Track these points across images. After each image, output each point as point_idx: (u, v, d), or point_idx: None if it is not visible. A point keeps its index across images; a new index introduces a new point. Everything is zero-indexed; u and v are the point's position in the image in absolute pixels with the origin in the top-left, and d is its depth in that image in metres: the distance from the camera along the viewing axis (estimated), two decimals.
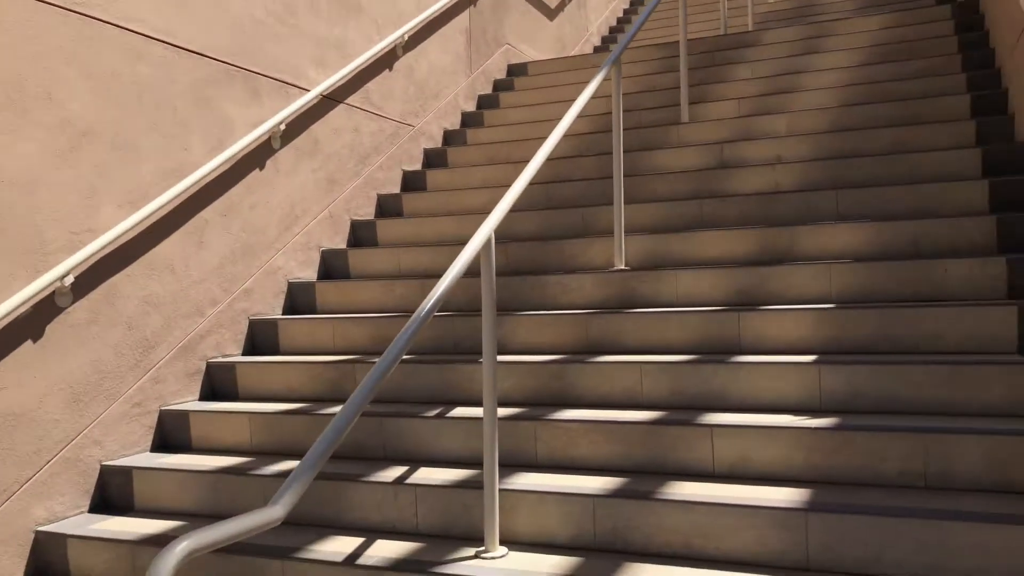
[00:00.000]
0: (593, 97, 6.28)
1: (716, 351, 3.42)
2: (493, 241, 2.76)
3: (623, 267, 4.02)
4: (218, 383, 4.04)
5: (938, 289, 3.36)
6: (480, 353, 3.83)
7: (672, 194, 4.67)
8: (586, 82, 6.57)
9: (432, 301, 2.47)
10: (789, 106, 5.25)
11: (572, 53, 8.71)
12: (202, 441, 3.71)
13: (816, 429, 2.71)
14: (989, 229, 3.55)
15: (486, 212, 4.90)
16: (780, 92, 5.36)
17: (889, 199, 3.98)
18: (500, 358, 3.62)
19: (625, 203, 4.50)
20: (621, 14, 10.37)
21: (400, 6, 5.68)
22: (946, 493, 2.52)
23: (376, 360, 3.77)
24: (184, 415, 3.74)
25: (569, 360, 3.41)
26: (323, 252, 4.85)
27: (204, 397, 4.01)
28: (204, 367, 4.01)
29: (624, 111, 5.74)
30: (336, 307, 4.53)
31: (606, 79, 6.39)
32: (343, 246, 5.03)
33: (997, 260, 3.29)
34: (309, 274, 4.76)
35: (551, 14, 8.29)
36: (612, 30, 9.82)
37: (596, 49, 9.24)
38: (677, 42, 6.62)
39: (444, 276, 2.56)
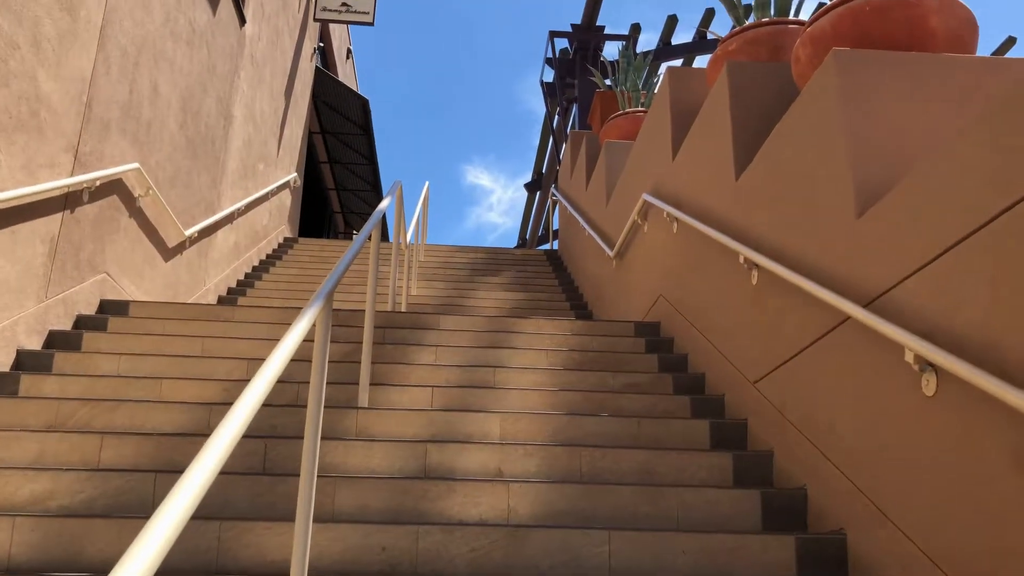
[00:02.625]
0: (223, 356, 4.67)
1: None
2: None
3: None
4: None
5: None
6: None
7: (365, 511, 3.10)
8: (215, 336, 4.92)
9: None
10: (496, 405, 4.15)
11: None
12: None
13: None
14: None
15: (46, 514, 2.82)
16: (482, 387, 4.25)
17: (676, 550, 2.87)
18: None
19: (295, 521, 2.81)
20: (243, 277, 8.99)
21: None
22: None
23: None
24: None
25: None
26: None
27: None
28: None
29: (279, 382, 4.16)
30: None
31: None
32: None
33: None
34: None
35: (168, 254, 6.62)
36: (231, 291, 8.34)
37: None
38: (337, 310, 5.37)
39: None
